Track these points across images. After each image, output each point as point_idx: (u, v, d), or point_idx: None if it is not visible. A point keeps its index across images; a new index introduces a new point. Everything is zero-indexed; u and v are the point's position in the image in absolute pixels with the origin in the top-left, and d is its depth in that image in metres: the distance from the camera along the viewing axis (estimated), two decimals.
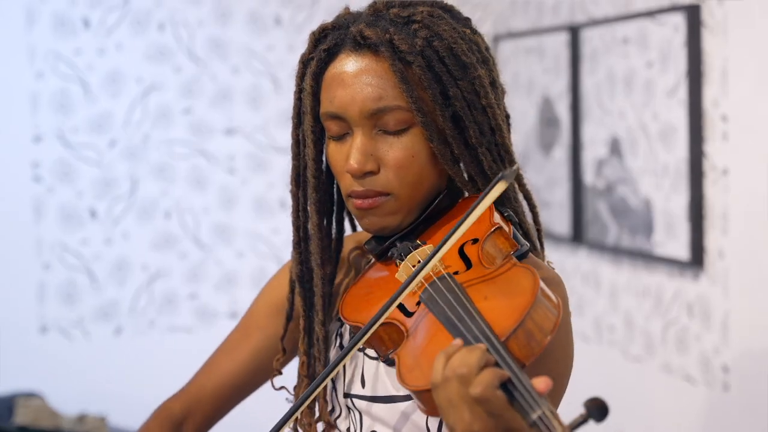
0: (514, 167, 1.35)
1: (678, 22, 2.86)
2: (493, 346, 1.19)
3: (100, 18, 3.57)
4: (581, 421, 1.12)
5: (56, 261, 3.55)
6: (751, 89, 2.65)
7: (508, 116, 1.58)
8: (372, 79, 1.44)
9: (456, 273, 1.37)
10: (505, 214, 1.46)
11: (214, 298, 3.71)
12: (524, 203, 1.59)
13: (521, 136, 3.75)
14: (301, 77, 1.54)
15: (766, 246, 2.60)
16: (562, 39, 3.46)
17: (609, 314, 3.27)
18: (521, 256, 1.41)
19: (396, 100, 1.43)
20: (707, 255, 2.81)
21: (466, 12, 1.58)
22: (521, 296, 1.24)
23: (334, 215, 1.62)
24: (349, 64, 1.46)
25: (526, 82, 3.71)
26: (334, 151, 1.49)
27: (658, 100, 2.97)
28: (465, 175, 1.50)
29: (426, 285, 1.34)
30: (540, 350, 1.21)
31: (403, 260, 1.45)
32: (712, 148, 2.78)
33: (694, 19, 2.81)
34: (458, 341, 1.22)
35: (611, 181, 3.21)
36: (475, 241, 1.40)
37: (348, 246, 1.68)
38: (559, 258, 3.50)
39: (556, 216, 3.52)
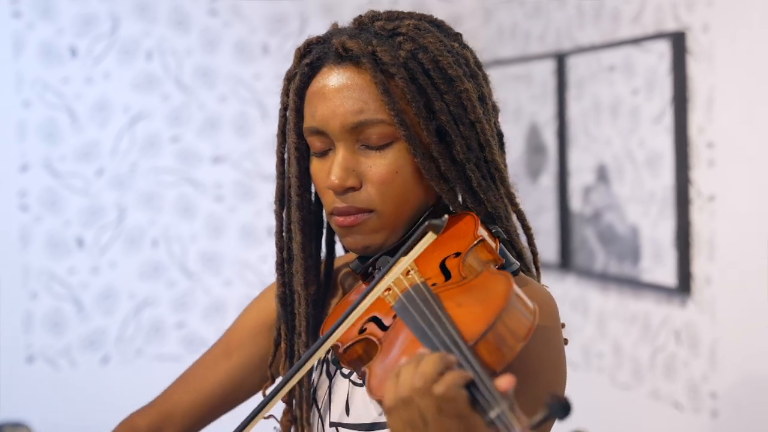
0: (444, 218, 1.29)
1: (663, 49, 2.88)
2: (459, 349, 1.16)
3: (88, 47, 3.58)
4: (541, 419, 1.08)
5: (43, 290, 3.54)
6: (737, 116, 2.66)
7: (501, 134, 1.56)
8: (353, 92, 1.40)
9: (434, 285, 1.33)
10: (493, 231, 1.43)
11: (202, 327, 3.70)
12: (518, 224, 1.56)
13: (509, 163, 3.74)
14: (285, 93, 1.51)
15: (753, 272, 2.61)
16: (549, 66, 3.48)
17: (597, 341, 3.27)
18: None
19: (378, 113, 1.39)
20: (694, 281, 2.82)
21: None
22: (494, 300, 1.21)
23: (323, 236, 1.59)
24: (331, 77, 1.42)
25: (514, 110, 3.72)
26: (316, 167, 1.46)
27: (644, 127, 2.98)
28: (453, 193, 1.46)
29: (400, 295, 1.31)
30: (512, 356, 1.18)
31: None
32: (698, 174, 2.79)
33: (679, 46, 2.83)
34: (403, 360, 1.19)
35: (598, 207, 3.22)
36: (458, 254, 1.36)
37: (341, 268, 1.65)
38: (547, 284, 3.49)
39: (543, 243, 3.53)
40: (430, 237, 1.27)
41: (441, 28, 1.49)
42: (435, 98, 1.41)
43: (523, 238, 1.57)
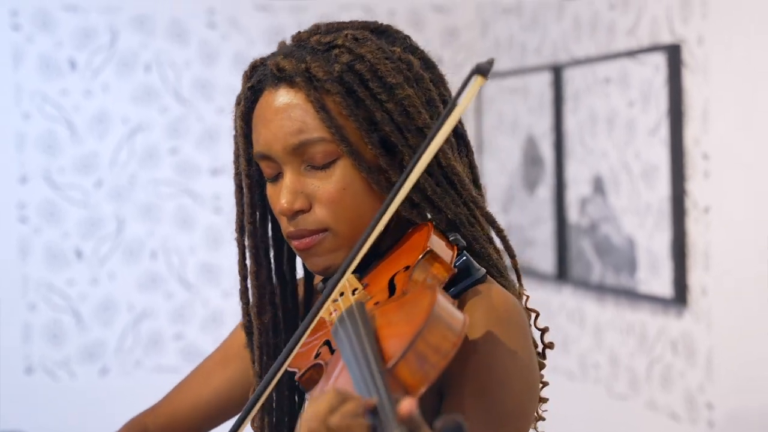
0: (491, 59, 1.21)
1: (659, 61, 2.90)
2: (370, 373, 1.10)
3: (87, 59, 3.60)
4: None
5: (42, 301, 3.55)
6: (732, 127, 2.68)
7: (461, 136, 1.49)
8: (291, 113, 1.37)
9: (377, 303, 1.29)
10: (451, 239, 1.36)
11: (201, 338, 3.71)
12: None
13: (506, 175, 3.77)
14: (234, 119, 1.48)
15: (749, 282, 2.62)
16: (545, 79, 3.50)
17: (594, 352, 3.28)
18: (475, 282, 1.34)
19: (317, 131, 1.35)
20: (690, 292, 2.83)
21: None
22: (415, 317, 1.16)
23: (283, 263, 1.55)
24: (269, 100, 1.39)
25: (510, 122, 3.74)
26: (270, 193, 1.43)
27: (639, 139, 3.00)
28: (409, 203, 1.39)
29: (335, 319, 1.27)
30: (436, 373, 1.12)
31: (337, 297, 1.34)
32: (693, 186, 2.81)
33: (674, 59, 2.84)
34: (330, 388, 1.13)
35: (595, 219, 3.24)
36: (407, 268, 1.31)
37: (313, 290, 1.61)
38: (543, 296, 3.51)
39: (540, 254, 3.54)
40: (479, 81, 1.18)
41: (385, 34, 1.44)
42: (375, 109, 1.36)
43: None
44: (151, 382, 3.62)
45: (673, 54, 2.85)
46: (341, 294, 1.32)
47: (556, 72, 3.43)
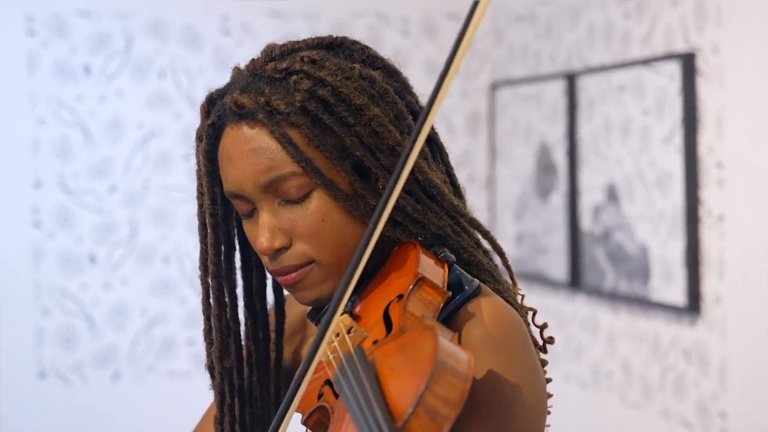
0: None
1: (673, 70, 2.89)
2: None
3: (102, 65, 3.61)
4: None
5: (55, 306, 3.55)
6: (746, 136, 2.67)
7: (433, 140, 1.43)
8: (258, 151, 1.31)
9: (375, 342, 1.24)
10: (440, 256, 1.32)
11: None
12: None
13: (519, 182, 3.77)
14: (196, 154, 1.42)
15: (763, 291, 2.62)
16: (559, 86, 3.49)
17: (606, 360, 3.27)
18: (469, 297, 1.30)
19: (287, 166, 1.30)
20: (704, 301, 2.82)
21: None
22: (420, 366, 1.11)
23: (253, 293, 1.51)
24: (233, 138, 1.33)
25: (524, 129, 3.74)
26: (247, 229, 1.38)
27: (654, 147, 2.99)
28: (391, 224, 1.34)
29: (336, 368, 1.21)
30: (449, 424, 1.08)
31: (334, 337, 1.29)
32: (707, 194, 2.80)
33: (689, 67, 2.84)
34: None
35: (608, 227, 3.23)
36: (401, 297, 1.26)
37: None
38: (556, 303, 3.51)
39: (553, 262, 3.54)
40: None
41: (342, 48, 1.39)
42: (344, 135, 1.31)
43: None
44: (164, 388, 3.64)
45: (688, 62, 2.84)
46: (336, 335, 1.26)
47: (570, 80, 3.43)
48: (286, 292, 1.54)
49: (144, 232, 3.66)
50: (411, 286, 1.25)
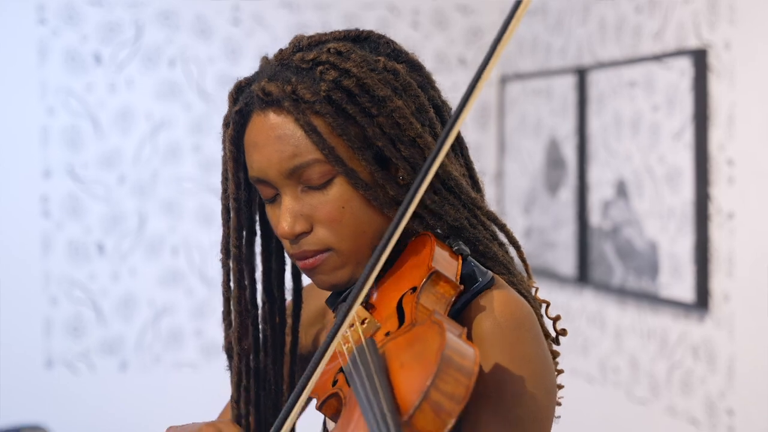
0: None
1: (685, 66, 2.88)
2: (387, 428, 1.10)
3: (112, 54, 3.61)
4: None
5: (63, 295, 3.56)
6: (757, 133, 2.66)
7: (458, 139, 1.47)
8: (283, 138, 1.36)
9: (387, 334, 1.27)
10: (455, 248, 1.35)
11: (220, 335, 3.70)
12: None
13: (528, 177, 3.76)
14: (223, 141, 1.48)
15: None
16: (570, 81, 3.49)
17: (614, 355, 3.27)
18: (483, 288, 1.32)
19: (311, 153, 1.34)
20: (712, 298, 2.82)
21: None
22: (427, 362, 1.14)
23: (272, 278, 1.55)
24: (259, 125, 1.38)
25: (534, 124, 3.73)
26: (270, 214, 1.42)
27: (664, 143, 2.99)
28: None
29: (348, 359, 1.25)
30: (453, 419, 1.11)
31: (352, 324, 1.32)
32: (717, 191, 2.80)
33: (700, 63, 2.83)
34: None
35: (617, 222, 3.23)
36: (414, 289, 1.29)
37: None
38: (564, 298, 3.50)
39: (561, 257, 3.53)
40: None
41: (368, 42, 1.43)
42: (367, 125, 1.35)
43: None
44: (170, 378, 3.64)
45: (700, 59, 2.83)
46: (351, 325, 1.30)
47: (581, 74, 3.42)
48: (304, 281, 1.59)
49: (153, 222, 3.66)
50: (424, 280, 1.27)
